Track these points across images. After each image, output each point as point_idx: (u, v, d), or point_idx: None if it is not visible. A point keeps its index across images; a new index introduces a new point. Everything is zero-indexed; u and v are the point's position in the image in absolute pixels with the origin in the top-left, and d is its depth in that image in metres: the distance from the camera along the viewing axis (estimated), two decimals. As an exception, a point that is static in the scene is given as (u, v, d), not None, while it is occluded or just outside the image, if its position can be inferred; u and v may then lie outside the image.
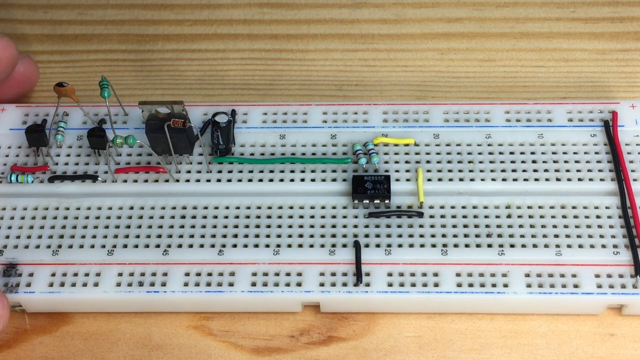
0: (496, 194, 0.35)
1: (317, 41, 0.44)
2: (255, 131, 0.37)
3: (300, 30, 0.44)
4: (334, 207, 0.35)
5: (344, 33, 0.44)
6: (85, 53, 0.44)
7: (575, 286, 0.33)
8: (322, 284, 0.33)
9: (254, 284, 0.33)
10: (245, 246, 0.34)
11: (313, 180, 0.36)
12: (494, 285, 0.33)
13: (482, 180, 0.36)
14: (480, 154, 0.36)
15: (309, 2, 0.45)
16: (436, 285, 0.33)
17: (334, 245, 0.34)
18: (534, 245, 0.34)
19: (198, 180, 0.36)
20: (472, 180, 0.36)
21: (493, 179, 0.36)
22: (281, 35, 0.44)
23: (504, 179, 0.36)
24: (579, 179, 0.36)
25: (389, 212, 0.35)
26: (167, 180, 0.36)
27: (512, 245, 0.34)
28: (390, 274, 0.33)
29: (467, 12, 0.44)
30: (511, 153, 0.36)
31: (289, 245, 0.34)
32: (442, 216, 0.35)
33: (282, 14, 0.45)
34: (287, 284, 0.33)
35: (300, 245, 0.34)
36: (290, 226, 0.35)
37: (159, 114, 0.35)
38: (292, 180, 0.36)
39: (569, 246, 0.34)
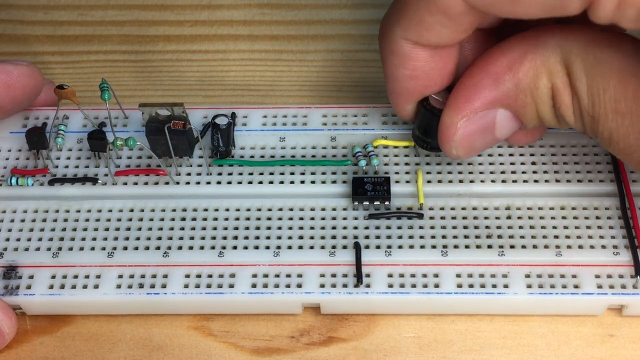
0: (496, 195, 0.35)
1: (318, 42, 0.44)
2: (255, 134, 0.37)
3: (301, 31, 0.44)
4: (334, 209, 0.35)
5: (344, 34, 0.44)
6: (86, 54, 0.44)
7: (576, 287, 0.33)
8: (322, 285, 0.33)
9: (254, 286, 0.33)
10: (246, 248, 0.34)
11: (313, 182, 0.36)
12: (494, 286, 0.33)
13: (482, 182, 0.36)
14: (479, 155, 0.36)
15: (309, 3, 0.45)
16: (436, 286, 0.33)
17: (334, 247, 0.34)
18: (534, 246, 0.34)
19: (198, 183, 0.36)
20: (471, 182, 0.36)
21: (493, 181, 0.36)
22: (281, 36, 0.44)
23: (503, 181, 0.36)
24: (579, 180, 0.35)
25: (389, 213, 0.35)
26: (167, 183, 0.36)
27: (512, 246, 0.34)
28: (390, 275, 0.33)
29: (467, 12, 0.44)
30: (510, 155, 0.36)
31: (289, 247, 0.34)
32: (442, 217, 0.35)
33: (283, 14, 0.44)
34: (288, 286, 0.33)
35: (300, 247, 0.34)
36: (290, 228, 0.35)
37: (159, 116, 0.35)
38: (292, 182, 0.36)
39: (569, 247, 0.34)
